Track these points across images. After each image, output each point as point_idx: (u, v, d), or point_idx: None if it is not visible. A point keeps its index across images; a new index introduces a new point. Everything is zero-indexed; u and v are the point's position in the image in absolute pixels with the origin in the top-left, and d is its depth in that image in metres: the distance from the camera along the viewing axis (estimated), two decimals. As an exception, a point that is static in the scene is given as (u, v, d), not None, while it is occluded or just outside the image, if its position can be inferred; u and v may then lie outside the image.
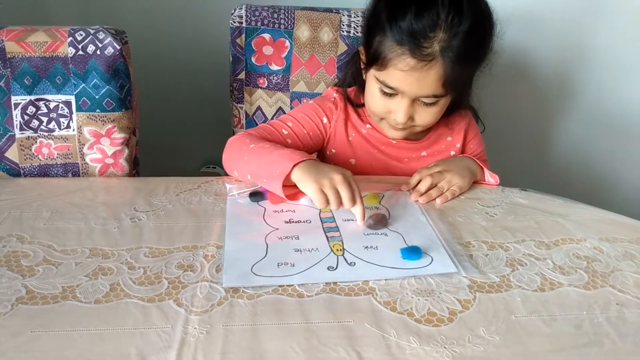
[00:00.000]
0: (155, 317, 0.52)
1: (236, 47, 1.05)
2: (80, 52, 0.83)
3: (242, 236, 0.66)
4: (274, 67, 1.08)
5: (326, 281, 0.58)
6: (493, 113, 0.97)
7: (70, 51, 0.83)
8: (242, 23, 1.04)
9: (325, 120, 0.89)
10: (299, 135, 0.87)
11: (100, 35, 0.83)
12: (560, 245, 0.69)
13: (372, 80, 0.81)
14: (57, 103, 0.85)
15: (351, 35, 1.06)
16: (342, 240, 0.66)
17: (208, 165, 1.59)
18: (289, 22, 1.05)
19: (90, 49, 0.83)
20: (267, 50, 1.06)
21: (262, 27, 1.04)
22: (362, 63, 0.84)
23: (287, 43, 1.06)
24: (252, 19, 1.04)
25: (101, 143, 0.87)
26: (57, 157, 0.86)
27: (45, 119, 0.85)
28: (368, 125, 0.90)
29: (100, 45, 0.83)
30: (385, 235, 0.68)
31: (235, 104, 1.10)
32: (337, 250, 0.64)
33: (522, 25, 1.35)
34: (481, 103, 0.92)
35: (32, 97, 0.84)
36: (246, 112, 1.11)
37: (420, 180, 0.82)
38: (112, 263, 0.60)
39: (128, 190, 0.82)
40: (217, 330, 0.50)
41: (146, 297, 0.54)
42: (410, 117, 0.80)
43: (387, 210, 0.75)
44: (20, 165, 0.86)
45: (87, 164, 0.88)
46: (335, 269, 0.61)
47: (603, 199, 1.54)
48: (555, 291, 0.59)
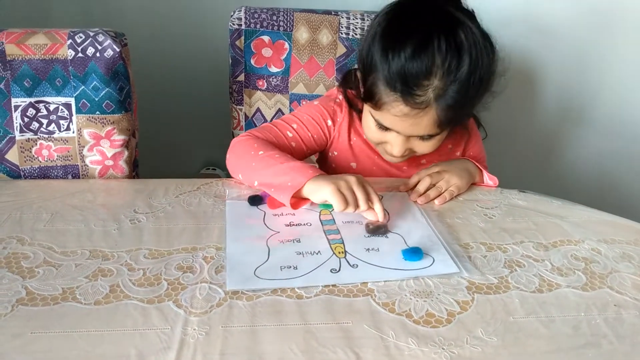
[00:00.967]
0: (155, 318, 0.52)
1: (235, 49, 1.06)
2: (80, 55, 0.83)
3: (244, 240, 0.66)
4: (273, 69, 1.08)
5: (330, 284, 0.58)
6: (493, 117, 0.97)
7: (70, 53, 0.83)
8: (241, 25, 1.04)
9: (330, 122, 0.89)
10: (303, 138, 0.86)
11: (100, 38, 0.84)
12: (559, 247, 0.69)
13: (368, 112, 0.80)
14: (57, 105, 0.85)
15: (350, 37, 1.07)
16: (343, 242, 0.67)
17: (208, 166, 1.60)
18: (288, 24, 1.05)
19: (90, 51, 0.83)
20: (267, 52, 1.06)
21: (261, 29, 1.05)
22: (358, 88, 0.81)
23: (286, 45, 1.06)
24: (252, 21, 1.04)
25: (101, 145, 0.87)
26: (57, 159, 0.87)
27: (45, 121, 0.85)
28: None
29: (99, 47, 0.83)
30: (386, 237, 0.68)
31: (235, 106, 1.11)
32: (339, 252, 0.64)
33: (524, 29, 1.36)
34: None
35: (32, 100, 0.84)
36: (245, 114, 1.11)
37: (419, 181, 0.82)
38: (111, 264, 0.60)
39: (128, 192, 0.82)
40: (216, 331, 0.51)
41: (146, 299, 0.55)
42: (408, 149, 0.80)
43: (387, 211, 0.75)
44: (21, 167, 0.86)
45: (87, 166, 0.88)
46: (338, 271, 0.61)
47: (604, 202, 1.55)
48: (553, 292, 0.60)
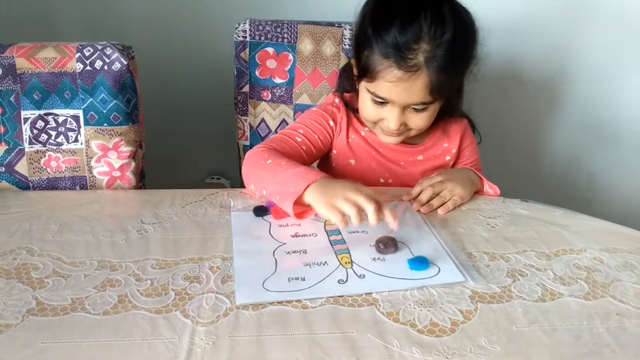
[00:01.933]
0: (163, 328, 0.53)
1: (240, 60, 1.07)
2: (88, 68, 0.85)
3: (250, 252, 0.66)
4: (278, 80, 1.09)
5: (338, 294, 0.59)
6: (486, 123, 0.99)
7: (79, 67, 0.85)
8: (246, 37, 1.06)
9: (332, 123, 0.92)
10: (311, 141, 0.89)
11: (108, 51, 0.85)
12: (561, 256, 0.70)
13: (363, 90, 0.84)
14: (65, 117, 0.86)
15: (353, 48, 1.08)
16: (349, 252, 0.67)
17: (212, 176, 1.61)
18: (292, 36, 1.07)
19: (98, 64, 0.85)
20: (271, 63, 1.08)
21: (266, 41, 1.06)
22: (354, 75, 0.87)
23: (291, 56, 1.08)
24: (256, 33, 1.06)
25: (108, 156, 0.88)
26: (65, 170, 0.88)
27: (53, 133, 0.87)
28: (366, 128, 0.92)
29: (107, 60, 0.85)
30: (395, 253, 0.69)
31: (240, 117, 1.12)
32: (346, 263, 0.65)
33: (512, 34, 1.37)
34: (474, 112, 0.94)
35: (41, 112, 0.86)
36: (250, 125, 1.12)
37: (422, 191, 0.83)
38: (119, 275, 0.61)
39: (135, 202, 0.83)
40: (223, 341, 0.51)
41: (153, 309, 0.56)
42: (403, 124, 0.83)
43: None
44: (29, 179, 0.87)
45: (95, 177, 0.89)
46: (346, 282, 0.61)
47: (600, 206, 1.55)
48: (555, 301, 0.60)
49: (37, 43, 0.85)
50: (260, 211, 0.76)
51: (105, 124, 0.87)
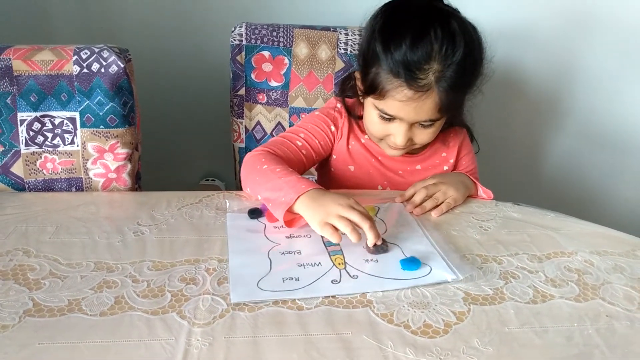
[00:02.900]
0: (159, 329, 0.53)
1: (236, 64, 1.08)
2: (85, 70, 0.85)
3: (245, 252, 0.67)
4: (273, 84, 1.10)
5: (331, 294, 0.60)
6: (485, 129, 1.00)
7: (75, 69, 0.85)
8: (242, 41, 1.07)
9: (333, 128, 0.92)
10: (312, 145, 0.90)
11: (105, 54, 0.86)
12: (552, 259, 0.71)
13: (370, 106, 0.84)
14: (62, 119, 0.87)
15: (348, 52, 1.09)
16: (342, 253, 0.68)
17: (207, 177, 1.61)
18: (287, 40, 1.08)
19: (95, 67, 0.85)
20: (267, 67, 1.09)
21: (262, 45, 1.07)
22: (358, 89, 0.86)
23: (286, 60, 1.09)
24: (252, 37, 1.07)
25: (104, 158, 0.89)
26: (61, 171, 0.88)
27: (50, 135, 0.87)
28: (367, 136, 0.93)
29: (104, 63, 0.85)
30: (386, 251, 0.70)
31: (236, 119, 1.13)
32: (339, 264, 0.66)
33: (512, 42, 1.39)
34: (474, 120, 0.95)
35: (38, 114, 0.86)
36: (246, 127, 1.13)
37: (415, 193, 0.84)
38: (116, 276, 0.62)
39: (131, 204, 0.83)
40: (219, 342, 0.52)
41: (150, 310, 0.56)
42: (410, 139, 0.83)
43: (384, 222, 0.77)
44: (25, 180, 0.88)
45: (91, 179, 0.90)
46: (339, 282, 0.62)
47: (594, 213, 1.56)
48: (547, 303, 0.61)
49: (34, 45, 0.86)
50: (255, 213, 0.77)
51: (101, 126, 0.87)
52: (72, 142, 0.88)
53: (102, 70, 0.86)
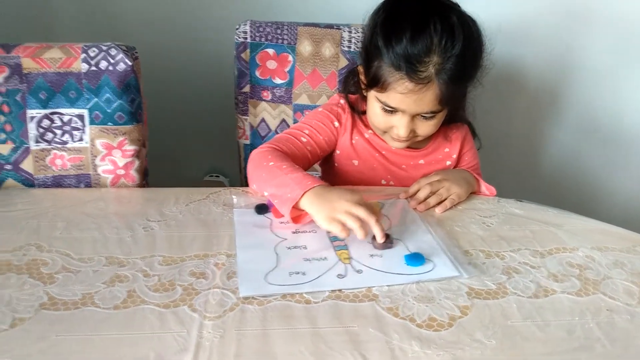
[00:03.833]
0: (172, 322, 0.55)
1: (241, 61, 1.09)
2: (94, 68, 0.86)
3: (252, 247, 0.69)
4: (278, 81, 1.11)
5: (337, 288, 0.61)
6: (485, 125, 1.01)
7: (84, 67, 0.86)
8: (246, 38, 1.08)
9: (336, 124, 0.93)
10: (316, 141, 0.91)
11: (113, 52, 0.87)
12: (554, 254, 0.72)
13: (373, 99, 0.85)
14: (70, 116, 0.88)
15: (352, 50, 1.10)
16: (348, 248, 0.70)
17: (212, 173, 1.63)
18: (292, 38, 1.09)
19: (103, 64, 0.87)
20: (271, 64, 1.10)
21: (266, 43, 1.08)
22: (361, 83, 0.88)
23: (290, 58, 1.10)
24: (257, 34, 1.08)
25: (113, 155, 0.90)
26: (70, 168, 0.90)
27: (59, 132, 0.88)
28: (370, 131, 0.94)
29: (112, 61, 0.87)
30: (391, 247, 0.71)
31: (240, 116, 1.14)
32: (345, 258, 0.67)
33: (512, 38, 1.39)
34: (475, 115, 0.96)
35: (47, 111, 0.87)
36: (250, 124, 1.14)
37: (419, 189, 0.85)
38: (127, 271, 0.63)
39: (139, 200, 0.85)
40: (230, 334, 0.53)
41: (162, 303, 0.57)
42: (412, 130, 0.85)
43: (388, 218, 0.78)
44: (35, 176, 0.89)
45: (99, 175, 0.91)
46: (345, 276, 0.64)
47: (594, 207, 1.58)
48: (549, 298, 0.63)
49: (43, 43, 0.87)
50: (262, 209, 0.78)
51: (109, 123, 0.89)
52: (80, 139, 0.89)
53: (110, 68, 0.87)
